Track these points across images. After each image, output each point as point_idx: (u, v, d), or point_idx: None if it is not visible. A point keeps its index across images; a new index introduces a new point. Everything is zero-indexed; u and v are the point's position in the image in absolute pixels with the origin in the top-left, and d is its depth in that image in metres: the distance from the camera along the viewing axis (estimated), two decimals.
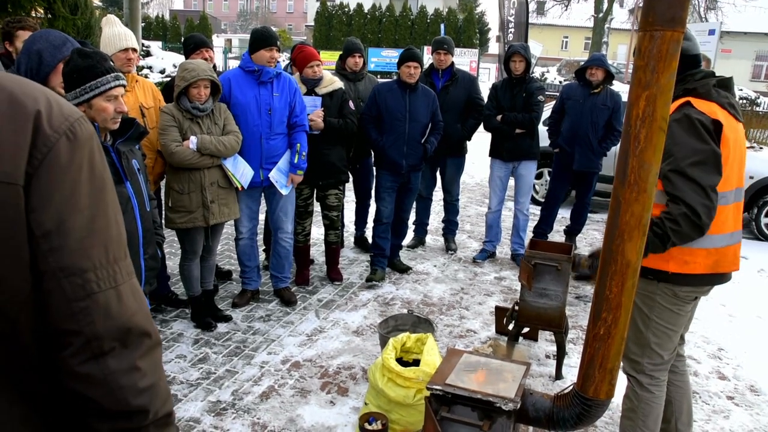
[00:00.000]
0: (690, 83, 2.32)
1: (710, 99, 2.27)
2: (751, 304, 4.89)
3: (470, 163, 6.23)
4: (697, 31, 13.64)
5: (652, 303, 2.38)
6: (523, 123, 4.99)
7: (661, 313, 2.37)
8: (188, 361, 3.49)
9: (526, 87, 5.02)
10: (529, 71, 5.07)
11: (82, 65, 2.08)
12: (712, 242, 2.28)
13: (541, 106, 5.10)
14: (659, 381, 2.47)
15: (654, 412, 2.47)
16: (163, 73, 11.91)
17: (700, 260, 2.29)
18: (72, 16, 5.15)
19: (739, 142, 2.35)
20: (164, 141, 3.48)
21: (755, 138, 13.58)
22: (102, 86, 2.10)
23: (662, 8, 1.52)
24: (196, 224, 3.62)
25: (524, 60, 4.97)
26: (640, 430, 2.48)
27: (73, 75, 2.08)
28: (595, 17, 28.41)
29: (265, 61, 3.82)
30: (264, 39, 3.83)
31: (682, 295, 2.35)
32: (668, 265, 2.29)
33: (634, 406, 2.49)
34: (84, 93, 2.09)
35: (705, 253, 2.29)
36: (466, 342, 3.92)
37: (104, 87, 2.11)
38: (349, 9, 35.50)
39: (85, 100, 2.10)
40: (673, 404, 2.65)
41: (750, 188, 6.79)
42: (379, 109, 4.65)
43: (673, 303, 2.36)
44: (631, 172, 1.65)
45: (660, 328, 2.39)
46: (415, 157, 4.73)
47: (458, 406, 2.00)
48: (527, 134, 5.08)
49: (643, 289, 2.36)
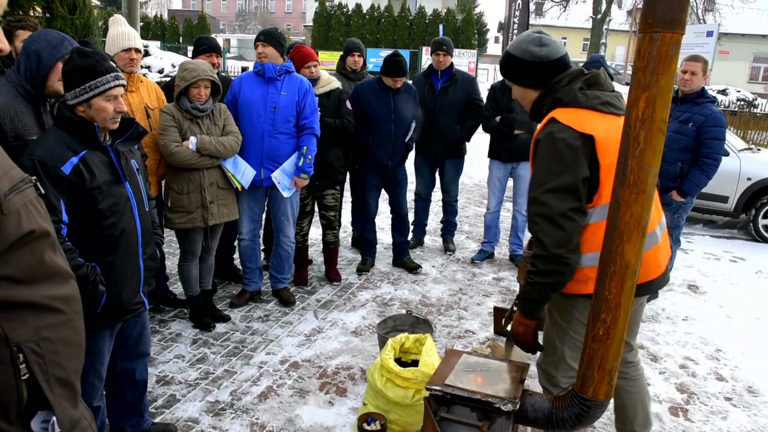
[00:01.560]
0: (558, 92, 2.11)
1: (578, 106, 2.06)
2: (748, 305, 4.90)
3: (469, 163, 6.23)
4: (695, 33, 13.69)
5: (570, 318, 2.25)
6: (521, 124, 4.99)
7: (577, 328, 2.23)
8: (187, 361, 3.48)
9: None
10: None
11: (82, 65, 2.08)
12: None
13: None
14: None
15: None
16: (162, 73, 11.91)
17: None
18: (70, 15, 5.14)
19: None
20: (164, 141, 3.47)
21: (753, 140, 13.63)
22: (101, 86, 2.10)
23: (662, 10, 1.52)
24: (195, 225, 3.61)
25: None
26: None
27: (72, 74, 2.08)
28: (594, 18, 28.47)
29: (256, 58, 3.93)
30: (257, 37, 3.95)
31: None
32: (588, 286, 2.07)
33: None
34: (83, 93, 2.09)
35: None
36: (464, 342, 3.93)
37: (103, 87, 2.10)
38: (347, 9, 35.51)
39: (85, 100, 2.10)
40: (626, 409, 2.62)
41: (747, 190, 6.81)
42: (363, 110, 4.66)
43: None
44: (630, 174, 1.65)
45: (576, 343, 2.25)
46: (399, 156, 4.85)
47: (457, 406, 2.00)
48: (526, 135, 5.09)
49: (559, 301, 2.26)
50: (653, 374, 3.64)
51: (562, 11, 31.60)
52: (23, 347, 0.96)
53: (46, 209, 1.06)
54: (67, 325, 1.05)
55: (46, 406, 1.01)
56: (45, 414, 1.01)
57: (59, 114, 2.14)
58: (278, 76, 3.87)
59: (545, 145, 2.04)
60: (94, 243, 2.16)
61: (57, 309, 1.03)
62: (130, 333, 2.50)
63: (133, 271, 2.30)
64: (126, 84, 2.26)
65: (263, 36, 3.89)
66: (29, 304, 0.98)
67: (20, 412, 0.98)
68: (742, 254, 6.38)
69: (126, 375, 2.56)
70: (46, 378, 1.00)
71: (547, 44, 2.16)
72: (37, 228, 0.99)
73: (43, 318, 1.00)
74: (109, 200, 2.16)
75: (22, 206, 0.97)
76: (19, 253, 0.95)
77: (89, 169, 2.10)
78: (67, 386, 1.06)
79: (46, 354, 1.00)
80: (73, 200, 2.08)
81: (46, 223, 1.02)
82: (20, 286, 0.96)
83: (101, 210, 2.14)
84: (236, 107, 3.88)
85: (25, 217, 0.97)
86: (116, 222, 2.19)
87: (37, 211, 1.01)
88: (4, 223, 0.93)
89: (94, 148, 2.14)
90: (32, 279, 0.98)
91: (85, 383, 2.30)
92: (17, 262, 0.95)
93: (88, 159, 2.11)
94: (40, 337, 0.99)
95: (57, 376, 1.03)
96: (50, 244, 1.03)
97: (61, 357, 1.03)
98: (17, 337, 0.95)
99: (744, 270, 5.88)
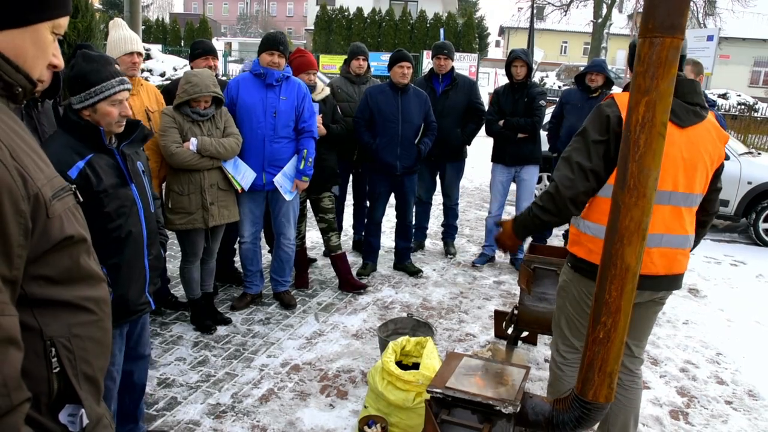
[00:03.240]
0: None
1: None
2: (749, 309, 4.90)
3: (470, 167, 6.25)
4: (696, 37, 13.69)
5: (566, 291, 2.48)
6: (524, 127, 5.01)
7: (572, 303, 2.45)
8: (188, 364, 3.49)
9: (527, 92, 5.04)
10: (530, 76, 5.10)
11: (87, 69, 2.09)
12: None
13: (542, 110, 5.12)
14: (568, 361, 2.55)
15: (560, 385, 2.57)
16: (163, 76, 11.92)
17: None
18: (72, 18, 5.15)
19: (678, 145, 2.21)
20: (164, 142, 3.48)
21: (753, 144, 13.64)
22: (107, 91, 2.11)
23: (662, 15, 1.54)
24: (195, 226, 3.62)
25: (525, 65, 4.99)
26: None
27: (78, 79, 2.09)
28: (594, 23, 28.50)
29: (266, 64, 3.85)
30: (266, 42, 3.90)
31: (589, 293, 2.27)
32: (575, 248, 2.38)
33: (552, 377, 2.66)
34: (89, 97, 2.10)
35: None
36: (465, 346, 3.93)
37: (109, 92, 2.11)
38: (348, 13, 35.55)
39: (90, 105, 2.11)
40: (608, 416, 2.53)
41: (748, 194, 6.81)
42: (372, 112, 4.68)
43: (581, 299, 2.40)
44: (630, 177, 1.66)
45: (570, 316, 2.48)
46: (409, 159, 4.77)
47: (458, 409, 2.01)
48: (529, 139, 5.10)
49: (564, 272, 2.50)
50: (654, 378, 3.64)
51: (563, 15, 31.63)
52: (56, 341, 1.02)
53: (83, 216, 1.13)
54: (97, 324, 1.11)
55: (73, 400, 1.06)
56: (72, 408, 1.06)
57: (65, 117, 2.15)
58: (277, 82, 3.87)
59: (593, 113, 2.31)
60: (101, 245, 2.14)
61: (89, 309, 1.09)
62: (130, 334, 2.49)
63: (139, 272, 2.31)
64: (131, 88, 2.27)
65: (282, 47, 3.86)
66: (64, 303, 1.04)
67: (50, 404, 1.03)
68: (743, 258, 6.39)
69: (123, 377, 2.52)
70: (74, 373, 1.06)
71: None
72: (76, 234, 1.05)
73: (75, 316, 1.06)
74: (116, 203, 2.17)
75: (63, 212, 1.03)
76: (58, 255, 1.02)
77: (95, 172, 2.10)
78: (93, 383, 1.12)
79: (75, 350, 1.06)
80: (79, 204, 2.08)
81: (83, 229, 1.09)
82: (57, 286, 1.03)
83: (108, 213, 2.15)
84: (233, 111, 3.85)
85: (66, 223, 1.03)
86: (123, 224, 2.20)
87: (75, 217, 1.08)
88: (49, 227, 0.99)
89: (100, 151, 2.15)
90: (68, 280, 1.05)
91: None
92: (56, 264, 1.02)
93: (95, 162, 2.11)
94: (72, 333, 1.05)
95: (84, 372, 1.08)
96: (86, 249, 1.10)
97: (89, 354, 1.09)
98: (51, 331, 1.01)
99: (744, 274, 5.88)
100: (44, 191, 0.99)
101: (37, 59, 1.06)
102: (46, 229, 0.98)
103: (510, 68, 5.06)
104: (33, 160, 1.01)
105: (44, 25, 1.05)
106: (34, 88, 1.07)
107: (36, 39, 1.04)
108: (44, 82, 1.12)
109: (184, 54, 21.30)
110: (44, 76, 1.11)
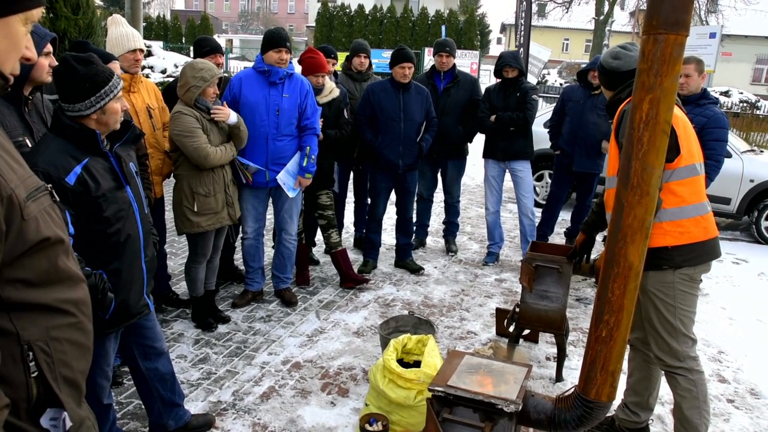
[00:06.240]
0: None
1: None
2: (751, 307, 4.89)
3: (471, 164, 6.23)
4: (698, 34, 13.63)
5: (673, 292, 2.52)
6: (515, 121, 4.98)
7: (684, 299, 2.52)
8: (189, 361, 3.49)
9: (519, 87, 5.03)
10: (521, 75, 5.11)
11: (91, 73, 2.06)
12: (697, 210, 2.45)
13: (534, 105, 5.11)
14: (698, 360, 2.61)
15: (705, 389, 2.61)
16: (165, 73, 11.91)
17: (692, 229, 2.44)
18: (74, 15, 5.14)
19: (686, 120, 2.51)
20: (196, 144, 3.40)
21: (755, 141, 13.60)
22: (114, 89, 2.10)
23: (666, 12, 1.53)
24: (223, 224, 3.66)
25: (516, 69, 5.01)
26: (704, 410, 2.59)
27: (85, 84, 2.04)
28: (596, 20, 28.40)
29: (274, 62, 3.82)
30: (272, 40, 3.85)
31: (695, 276, 2.53)
32: (665, 239, 2.44)
33: (693, 393, 2.58)
34: (100, 99, 2.07)
35: (694, 222, 2.45)
36: (466, 344, 3.92)
37: (117, 89, 2.11)
38: (350, 10, 35.51)
39: (101, 107, 2.09)
40: (650, 380, 2.83)
41: (750, 192, 6.80)
42: (374, 109, 4.67)
43: (690, 286, 2.53)
44: (634, 175, 1.65)
45: (684, 313, 2.54)
46: (411, 156, 4.77)
47: (460, 407, 2.01)
48: (521, 134, 5.08)
49: (660, 281, 2.52)
50: None
51: (565, 12, 31.54)
52: (33, 346, 1.00)
53: (60, 216, 1.10)
54: (76, 326, 1.08)
55: (54, 404, 1.04)
56: (54, 411, 1.04)
57: (57, 122, 2.10)
58: (281, 80, 3.86)
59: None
60: (101, 250, 2.15)
61: (67, 311, 1.06)
62: (145, 334, 2.52)
63: (137, 274, 2.30)
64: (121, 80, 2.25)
65: (288, 43, 3.86)
66: (42, 306, 1.01)
67: (30, 409, 1.01)
68: (745, 256, 6.37)
69: (152, 373, 2.58)
70: (54, 376, 1.03)
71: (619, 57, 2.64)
72: (53, 235, 1.02)
73: (53, 319, 1.03)
74: (114, 207, 2.15)
75: (38, 213, 1.00)
76: (35, 258, 0.99)
77: (93, 177, 2.07)
78: (74, 386, 1.09)
79: (54, 353, 1.03)
80: (78, 210, 2.05)
81: (60, 230, 1.06)
82: (34, 289, 1.00)
83: (107, 217, 2.13)
84: (236, 108, 3.83)
85: (42, 224, 1.00)
86: (121, 228, 2.18)
87: (51, 218, 1.05)
88: (24, 229, 0.96)
89: (96, 154, 2.12)
90: (46, 282, 1.02)
91: (94, 384, 2.32)
92: (33, 267, 0.99)
93: (91, 167, 2.08)
94: (50, 337, 1.02)
95: (64, 375, 1.06)
96: (64, 250, 1.07)
97: (68, 357, 1.06)
98: (28, 335, 0.99)
99: (746, 272, 5.87)
100: (18, 192, 0.96)
101: (9, 53, 1.02)
102: (21, 231, 0.95)
103: (500, 73, 5.06)
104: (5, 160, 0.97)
105: (16, 18, 1.01)
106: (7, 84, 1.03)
107: (7, 32, 1.00)
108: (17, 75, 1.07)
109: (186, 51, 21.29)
110: (16, 70, 1.06)
